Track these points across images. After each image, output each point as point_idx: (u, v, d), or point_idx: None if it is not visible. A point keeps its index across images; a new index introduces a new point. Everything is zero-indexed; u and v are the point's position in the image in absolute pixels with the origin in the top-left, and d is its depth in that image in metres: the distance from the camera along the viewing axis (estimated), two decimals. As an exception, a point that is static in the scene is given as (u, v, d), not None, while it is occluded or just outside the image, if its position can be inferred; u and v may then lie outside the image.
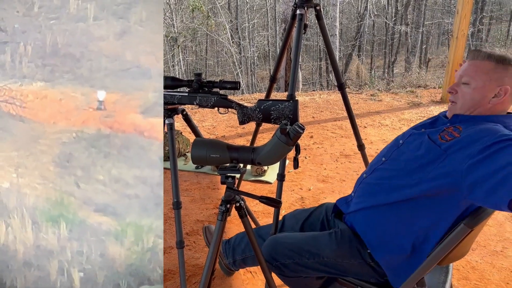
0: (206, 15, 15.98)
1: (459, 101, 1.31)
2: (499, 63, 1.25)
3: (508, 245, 2.48)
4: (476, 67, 1.27)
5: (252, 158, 1.38)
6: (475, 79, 1.26)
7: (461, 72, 1.31)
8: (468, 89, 1.28)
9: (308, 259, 1.46)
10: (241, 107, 1.81)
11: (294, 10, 1.91)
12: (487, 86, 1.25)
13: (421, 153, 1.27)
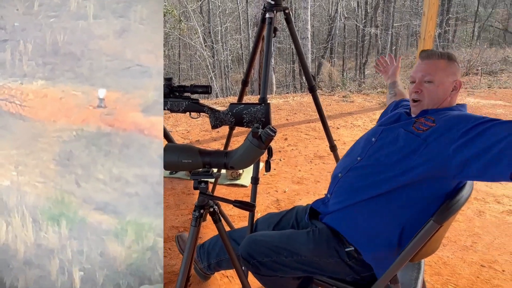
0: (178, 19, 15.87)
1: (426, 99, 1.39)
2: (450, 60, 1.39)
3: (477, 239, 2.56)
4: (435, 65, 1.38)
5: (225, 162, 1.37)
6: (437, 77, 1.37)
7: (422, 72, 1.40)
8: (432, 86, 1.38)
9: (286, 257, 1.46)
10: (213, 111, 1.80)
11: (264, 14, 1.92)
12: (447, 81, 1.38)
13: (401, 145, 1.33)
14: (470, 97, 6.65)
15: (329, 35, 18.63)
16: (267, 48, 1.88)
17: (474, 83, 8.91)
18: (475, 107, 5.88)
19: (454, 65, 1.40)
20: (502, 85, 8.19)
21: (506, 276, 2.20)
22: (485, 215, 2.84)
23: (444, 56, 1.40)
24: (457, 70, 1.41)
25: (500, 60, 13.59)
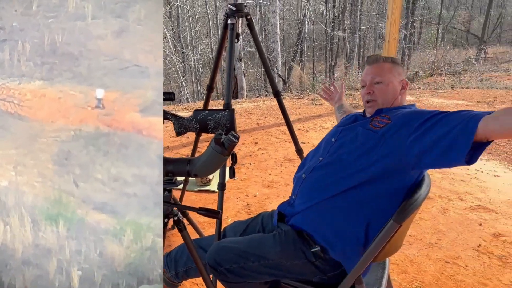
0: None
1: (379, 99, 1.49)
2: (393, 63, 1.53)
3: (442, 236, 2.63)
4: (381, 68, 1.51)
5: (188, 170, 1.36)
6: (385, 77, 1.49)
7: (371, 75, 1.52)
8: (383, 86, 1.49)
9: (253, 263, 1.46)
10: (177, 118, 1.78)
11: (226, 20, 1.92)
12: (394, 81, 1.50)
13: (360, 142, 1.38)
14: (434, 97, 6.85)
15: (299, 39, 18.83)
16: (230, 54, 1.88)
17: (438, 83, 9.19)
18: (439, 107, 6.06)
19: (399, 67, 1.53)
20: (465, 85, 8.49)
21: (469, 271, 2.27)
22: (449, 213, 2.93)
23: (388, 60, 1.53)
24: (401, 71, 1.53)
25: (463, 61, 14.10)
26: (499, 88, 7.81)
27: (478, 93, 7.19)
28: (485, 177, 3.58)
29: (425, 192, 1.37)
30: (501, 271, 2.27)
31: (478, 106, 6.12)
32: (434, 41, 22.73)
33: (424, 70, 12.77)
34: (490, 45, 20.38)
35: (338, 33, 17.17)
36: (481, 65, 13.15)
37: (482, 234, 2.64)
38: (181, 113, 5.88)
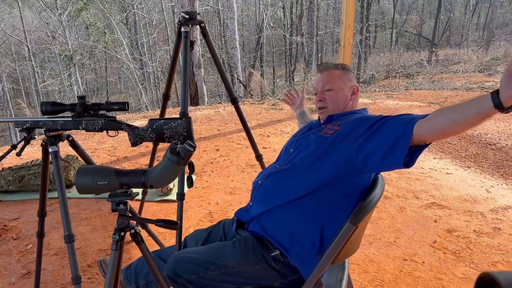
0: (102, 31, 15.33)
1: (330, 105, 1.54)
2: (344, 69, 1.57)
3: (400, 235, 2.71)
4: (332, 75, 1.56)
5: (144, 181, 1.33)
6: (336, 84, 1.54)
7: (322, 83, 1.56)
8: (333, 93, 1.54)
9: (214, 271, 1.44)
10: (132, 128, 1.74)
11: (179, 28, 1.90)
12: (345, 87, 1.55)
13: (312, 149, 1.42)
14: (389, 99, 7.07)
15: (258, 44, 18.96)
16: (184, 62, 1.87)
17: (393, 85, 9.50)
18: (393, 109, 6.26)
19: (349, 73, 1.58)
20: (418, 86, 8.82)
21: (425, 267, 2.35)
22: (406, 211, 3.03)
23: (338, 67, 1.58)
24: (352, 77, 1.58)
25: (416, 63, 14.65)
26: (449, 89, 8.17)
27: (430, 94, 7.48)
28: (438, 175, 3.73)
29: (379, 193, 1.41)
30: (455, 265, 2.37)
31: (431, 107, 6.37)
32: (389, 44, 23.51)
33: (380, 73, 13.18)
34: (440, 47, 21.30)
35: (297, 38, 17.44)
36: (432, 67, 13.72)
37: (437, 231, 2.74)
38: (140, 122, 5.76)
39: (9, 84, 24.90)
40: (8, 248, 2.67)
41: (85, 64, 22.53)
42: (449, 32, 27.08)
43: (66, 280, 2.32)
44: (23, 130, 1.73)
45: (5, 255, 2.59)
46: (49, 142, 1.75)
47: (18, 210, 3.20)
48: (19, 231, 2.88)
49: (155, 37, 20.51)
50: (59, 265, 2.47)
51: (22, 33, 21.81)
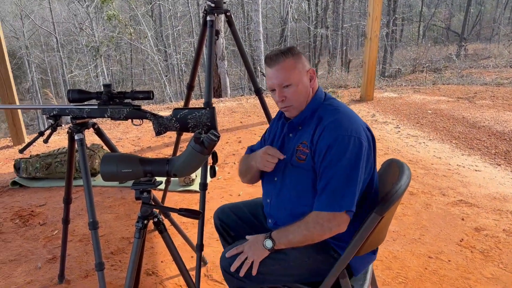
0: (124, 23, 15.48)
1: (294, 102, 1.43)
2: (293, 55, 1.41)
3: (425, 232, 2.64)
4: (285, 68, 1.40)
5: (167, 170, 1.33)
6: (293, 78, 1.40)
7: (276, 80, 1.41)
8: (293, 89, 1.41)
9: (273, 266, 1.41)
10: (156, 117, 1.74)
11: (205, 17, 1.88)
12: (302, 76, 1.42)
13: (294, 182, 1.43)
14: (416, 94, 6.91)
15: (282, 37, 18.83)
16: (209, 52, 1.85)
17: (420, 80, 9.29)
18: (420, 104, 6.11)
19: (301, 58, 1.43)
20: (446, 81, 8.59)
21: (452, 266, 2.29)
22: (431, 208, 2.95)
23: (287, 54, 1.40)
24: (305, 61, 1.44)
25: (443, 58, 14.28)
26: (479, 84, 7.93)
27: (458, 89, 7.28)
28: (466, 172, 3.62)
29: (405, 184, 1.37)
30: (483, 264, 2.29)
31: (459, 101, 6.19)
32: (416, 38, 22.99)
33: (406, 67, 12.90)
34: (469, 42, 20.70)
35: (321, 31, 17.23)
36: (461, 62, 13.34)
37: (464, 229, 2.66)
38: (164, 113, 5.81)
39: (38, 74, 25.57)
40: (35, 233, 2.74)
41: (111, 56, 22.89)
42: (479, 26, 26.29)
43: (90, 266, 2.36)
44: (50, 118, 1.75)
45: (32, 240, 2.65)
46: (75, 129, 1.77)
47: (44, 197, 3.28)
48: (45, 217, 2.94)
49: (179, 29, 20.63)
50: (83, 251, 2.51)
51: (51, 25, 22.31)
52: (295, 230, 1.36)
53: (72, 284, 2.21)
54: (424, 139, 4.58)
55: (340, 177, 1.30)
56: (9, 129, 4.78)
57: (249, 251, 1.41)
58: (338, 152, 1.30)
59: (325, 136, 1.34)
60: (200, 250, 1.95)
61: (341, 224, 1.31)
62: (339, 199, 1.29)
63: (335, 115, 1.38)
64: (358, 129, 1.34)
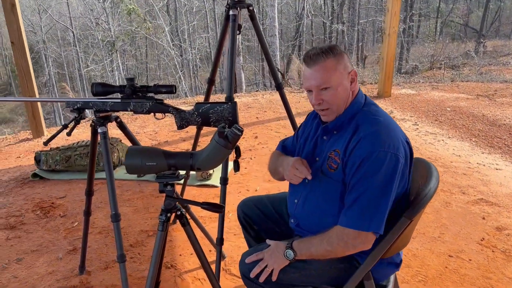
0: (143, 18, 15.57)
1: (332, 106, 1.34)
2: (335, 55, 1.31)
3: (445, 230, 2.61)
4: (325, 69, 1.30)
5: (191, 163, 1.33)
6: (333, 80, 1.30)
7: (315, 81, 1.32)
8: (332, 91, 1.32)
9: (294, 274, 1.40)
10: (178, 111, 1.75)
11: (227, 11, 1.88)
12: (343, 78, 1.32)
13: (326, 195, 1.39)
14: (434, 91, 6.81)
15: (297, 32, 18.74)
16: (232, 46, 1.85)
17: (438, 77, 9.16)
18: (439, 101, 6.03)
19: (343, 58, 1.33)
20: (464, 78, 8.45)
21: (473, 265, 2.26)
22: (451, 206, 2.91)
23: (328, 53, 1.30)
24: (347, 61, 1.34)
25: (461, 54, 14.05)
26: (499, 81, 7.78)
27: (478, 86, 7.16)
28: (487, 170, 3.56)
29: (434, 187, 1.35)
30: (504, 264, 2.26)
31: (479, 99, 6.09)
32: (433, 34, 22.65)
33: (423, 64, 12.72)
34: (488, 38, 20.32)
35: (338, 27, 17.09)
36: (480, 59, 13.10)
37: (485, 228, 2.62)
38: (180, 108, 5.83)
39: (54, 68, 25.91)
40: (56, 224, 2.78)
41: (126, 50, 23.06)
42: (498, 22, 25.77)
43: (110, 258, 2.38)
44: (74, 111, 1.77)
45: (53, 231, 2.70)
46: (98, 123, 1.78)
47: (64, 189, 3.32)
48: (65, 209, 2.99)
49: (194, 24, 20.67)
50: (103, 244, 2.54)
51: (68, 19, 22.57)
52: (318, 244, 1.33)
53: (93, 275, 2.24)
54: (443, 136, 4.52)
55: (371, 195, 1.24)
56: (29, 122, 4.86)
57: (269, 259, 1.39)
58: (373, 168, 1.24)
59: (360, 148, 1.26)
60: (220, 244, 1.95)
61: (366, 243, 1.27)
62: (367, 218, 1.24)
63: (374, 126, 1.29)
64: (396, 144, 1.26)
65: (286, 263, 1.38)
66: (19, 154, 4.29)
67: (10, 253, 2.46)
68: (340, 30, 17.04)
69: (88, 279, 2.21)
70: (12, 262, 2.37)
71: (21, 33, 4.49)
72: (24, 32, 4.58)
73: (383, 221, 1.25)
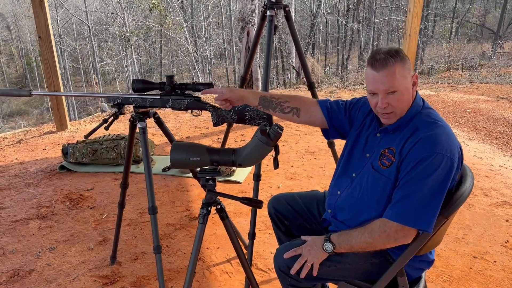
0: (164, 14, 15.65)
1: (397, 109, 1.36)
2: (402, 60, 1.33)
3: (468, 232, 2.63)
4: (392, 74, 1.31)
5: (233, 160, 1.38)
6: (399, 84, 1.32)
7: (383, 86, 1.32)
8: (398, 95, 1.33)
9: (329, 267, 1.44)
10: (215, 108, 1.80)
11: (264, 11, 1.92)
12: (407, 83, 1.34)
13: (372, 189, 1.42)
14: (453, 92, 6.78)
15: (312, 31, 18.69)
16: (268, 46, 1.89)
17: (456, 78, 9.09)
18: (458, 102, 6.00)
19: (406, 61, 1.34)
20: (483, 80, 8.39)
21: (497, 266, 2.28)
22: (474, 208, 2.92)
23: (395, 58, 1.31)
24: (409, 64, 1.36)
25: (478, 55, 13.90)
26: (518, 84, 7.72)
27: (498, 88, 7.10)
28: (509, 173, 3.56)
29: (470, 187, 1.38)
30: (530, 267, 2.27)
31: (499, 101, 6.05)
32: (449, 34, 22.42)
33: (440, 64, 12.63)
34: (506, 39, 20.05)
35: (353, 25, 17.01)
36: (498, 60, 12.96)
37: (509, 230, 2.64)
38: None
39: (69, 62, 26.21)
40: (85, 216, 2.86)
41: (140, 46, 23.22)
42: (516, 23, 25.38)
43: (139, 250, 2.45)
44: (114, 106, 1.82)
45: (83, 222, 2.77)
46: (138, 118, 1.84)
47: (91, 181, 3.40)
48: (94, 201, 3.07)
49: (210, 21, 20.73)
50: (132, 236, 2.61)
51: (83, 14, 22.79)
52: (358, 236, 1.36)
53: (123, 265, 2.31)
54: (463, 138, 4.52)
55: (423, 194, 1.27)
56: (53, 115, 4.96)
57: (308, 254, 1.42)
58: (429, 168, 1.26)
59: (418, 149, 1.29)
60: (252, 239, 2.00)
61: (408, 236, 1.30)
62: (417, 215, 1.26)
63: (434, 129, 1.32)
64: (453, 149, 1.29)
65: (325, 257, 1.42)
66: (45, 146, 4.39)
67: (43, 242, 2.54)
68: (356, 29, 16.95)
69: (119, 269, 2.28)
70: (46, 251, 2.45)
71: (48, 27, 4.59)
72: (51, 27, 4.67)
73: (433, 221, 1.27)
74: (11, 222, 2.78)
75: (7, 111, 25.75)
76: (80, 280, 2.19)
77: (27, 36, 29.61)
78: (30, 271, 2.26)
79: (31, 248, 2.47)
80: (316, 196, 1.78)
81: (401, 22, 18.84)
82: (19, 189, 3.29)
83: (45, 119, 21.24)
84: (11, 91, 1.82)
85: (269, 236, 2.59)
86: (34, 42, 28.14)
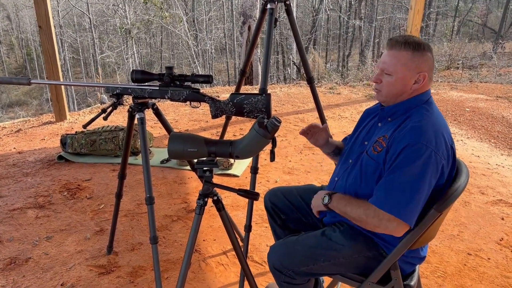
0: (159, 7, 15.59)
1: (384, 90, 1.40)
2: (415, 51, 1.33)
3: (463, 229, 2.64)
4: (396, 58, 1.35)
5: (230, 151, 1.39)
6: (396, 71, 1.35)
7: (382, 64, 1.39)
8: (391, 79, 1.37)
9: (323, 262, 1.45)
10: (214, 101, 1.80)
11: (264, 5, 1.92)
12: (407, 75, 1.35)
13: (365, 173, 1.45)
14: (453, 90, 6.78)
15: (313, 27, 18.64)
16: (268, 39, 1.89)
17: (456, 77, 9.09)
18: (458, 101, 6.01)
19: (420, 57, 1.34)
20: (483, 79, 8.39)
21: (491, 264, 2.29)
22: (470, 206, 2.94)
23: (409, 47, 1.33)
24: (423, 62, 1.34)
25: (479, 55, 13.88)
26: (518, 84, 7.72)
27: (497, 88, 7.10)
28: (506, 172, 3.57)
29: (464, 182, 1.39)
30: (524, 265, 2.29)
31: (498, 100, 6.06)
32: (450, 33, 22.39)
33: (440, 63, 12.60)
34: (507, 39, 20.02)
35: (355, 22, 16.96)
36: (499, 60, 12.94)
37: (504, 228, 2.65)
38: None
39: (69, 53, 26.15)
40: (83, 206, 2.86)
41: (141, 38, 23.16)
42: (518, 23, 25.34)
43: (136, 241, 2.46)
44: (113, 96, 1.83)
45: (80, 212, 2.78)
46: (136, 108, 1.84)
47: (89, 172, 3.41)
48: (91, 191, 3.07)
49: (211, 15, 20.67)
50: (129, 226, 2.62)
51: (84, 5, 22.71)
52: (354, 207, 1.39)
53: (120, 255, 2.32)
54: (462, 136, 4.53)
55: (402, 183, 1.29)
56: (53, 105, 4.96)
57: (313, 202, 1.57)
58: (410, 157, 1.28)
59: (405, 136, 1.31)
60: (248, 231, 2.01)
61: (398, 229, 1.30)
62: (394, 203, 1.29)
63: (423, 120, 1.33)
64: (439, 143, 1.29)
65: (322, 208, 1.49)
66: (43, 137, 4.39)
67: (40, 231, 2.55)
68: (357, 26, 16.92)
69: (116, 259, 2.29)
70: (43, 240, 2.46)
71: (49, 17, 4.57)
72: (52, 17, 4.65)
73: (414, 214, 1.28)
74: (8, 210, 2.79)
75: (7, 101, 25.72)
76: (76, 269, 2.20)
77: (28, 26, 29.53)
78: (27, 259, 2.27)
79: (28, 237, 2.48)
80: (313, 189, 1.78)
81: (403, 19, 18.79)
82: (17, 178, 3.30)
83: (45, 110, 21.22)
84: (10, 79, 1.83)
85: (265, 229, 2.60)
86: (34, 33, 28.07)
